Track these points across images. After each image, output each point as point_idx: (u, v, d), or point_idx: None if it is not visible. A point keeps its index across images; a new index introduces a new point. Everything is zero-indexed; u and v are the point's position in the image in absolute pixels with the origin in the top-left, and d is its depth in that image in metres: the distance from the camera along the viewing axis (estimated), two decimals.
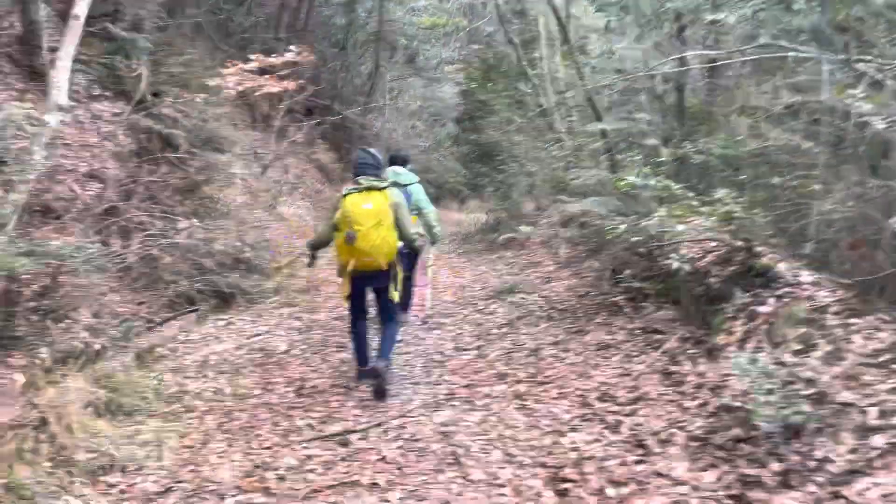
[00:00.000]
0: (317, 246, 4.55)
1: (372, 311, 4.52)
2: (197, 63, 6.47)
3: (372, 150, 4.29)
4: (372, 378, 4.04)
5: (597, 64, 10.76)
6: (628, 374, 3.90)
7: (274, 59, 6.82)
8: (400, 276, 4.23)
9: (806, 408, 2.55)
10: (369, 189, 3.98)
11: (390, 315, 4.32)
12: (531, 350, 4.77)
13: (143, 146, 5.93)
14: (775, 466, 2.50)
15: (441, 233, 5.15)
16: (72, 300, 4.22)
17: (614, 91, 9.70)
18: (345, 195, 3.99)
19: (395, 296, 4.23)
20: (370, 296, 4.37)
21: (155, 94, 6.14)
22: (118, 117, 6.07)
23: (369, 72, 22.85)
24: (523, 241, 10.36)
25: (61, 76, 4.47)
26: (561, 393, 3.88)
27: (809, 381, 2.78)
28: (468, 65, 15.51)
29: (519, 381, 4.16)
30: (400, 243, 4.13)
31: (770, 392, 2.62)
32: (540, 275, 7.77)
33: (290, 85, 7.14)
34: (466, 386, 4.20)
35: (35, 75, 5.13)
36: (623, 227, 4.24)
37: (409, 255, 4.79)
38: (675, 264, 3.76)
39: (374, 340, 4.44)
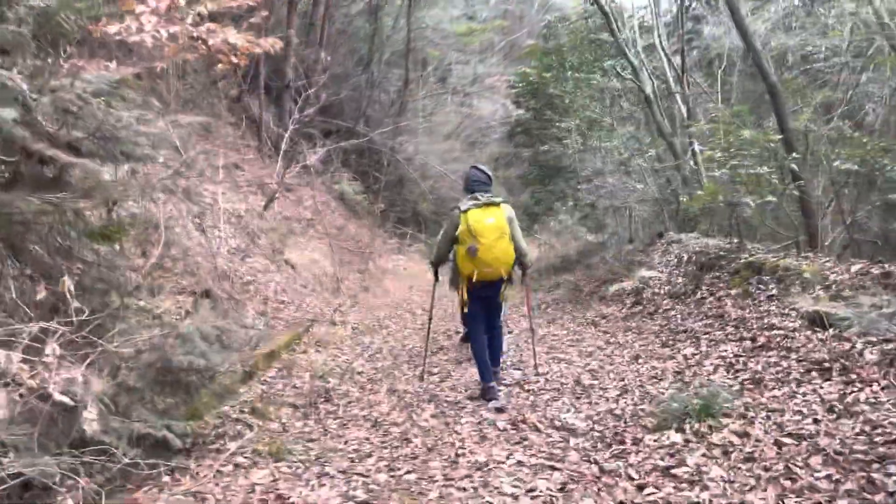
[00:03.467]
0: (438, 263, 4.74)
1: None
2: None
3: (483, 167, 4.50)
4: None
5: None
6: None
7: None
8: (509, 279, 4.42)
9: None
10: (487, 205, 4.15)
11: (497, 317, 4.64)
12: None
13: None
14: None
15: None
16: None
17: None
18: (464, 210, 4.15)
19: (504, 295, 4.50)
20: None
21: (2, 51, 3.08)
22: None
23: (397, 89, 20.02)
24: (637, 292, 7.02)
25: None
26: None
27: None
28: (540, 45, 12.16)
29: None
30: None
31: None
32: (718, 362, 4.39)
33: (266, 43, 3.98)
34: None
35: None
36: None
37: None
38: None
39: None
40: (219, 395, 3.87)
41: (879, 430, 2.86)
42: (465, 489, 2.97)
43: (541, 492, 2.91)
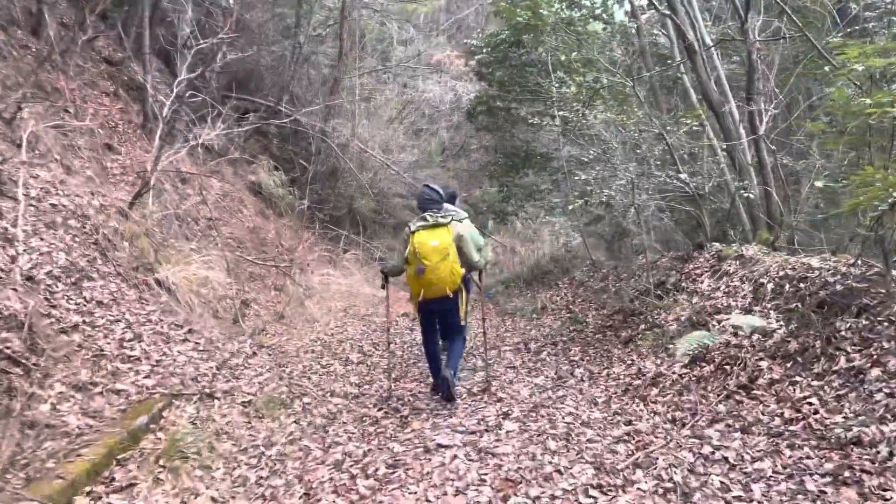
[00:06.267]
0: (391, 274, 4.75)
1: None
2: None
3: (435, 186, 4.60)
4: (443, 387, 4.42)
5: None
6: None
7: None
8: (464, 297, 4.57)
9: None
10: (435, 226, 4.29)
11: (456, 334, 4.64)
12: None
13: None
14: None
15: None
16: None
17: None
18: (413, 231, 4.30)
19: (461, 315, 4.56)
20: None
21: None
22: None
23: (330, 65, 17.09)
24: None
25: None
26: None
27: None
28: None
29: None
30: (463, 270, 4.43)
31: None
32: None
33: None
34: None
35: None
36: None
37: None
38: None
39: None
40: None
41: None
42: None
43: None
